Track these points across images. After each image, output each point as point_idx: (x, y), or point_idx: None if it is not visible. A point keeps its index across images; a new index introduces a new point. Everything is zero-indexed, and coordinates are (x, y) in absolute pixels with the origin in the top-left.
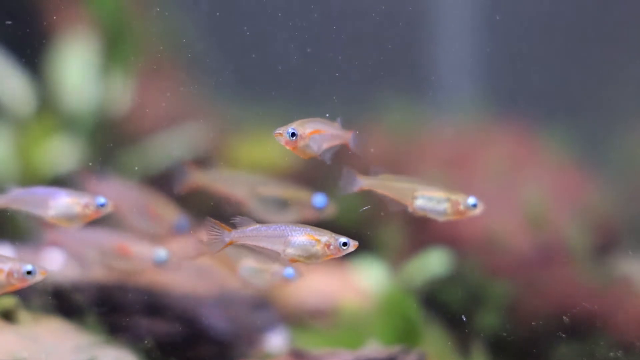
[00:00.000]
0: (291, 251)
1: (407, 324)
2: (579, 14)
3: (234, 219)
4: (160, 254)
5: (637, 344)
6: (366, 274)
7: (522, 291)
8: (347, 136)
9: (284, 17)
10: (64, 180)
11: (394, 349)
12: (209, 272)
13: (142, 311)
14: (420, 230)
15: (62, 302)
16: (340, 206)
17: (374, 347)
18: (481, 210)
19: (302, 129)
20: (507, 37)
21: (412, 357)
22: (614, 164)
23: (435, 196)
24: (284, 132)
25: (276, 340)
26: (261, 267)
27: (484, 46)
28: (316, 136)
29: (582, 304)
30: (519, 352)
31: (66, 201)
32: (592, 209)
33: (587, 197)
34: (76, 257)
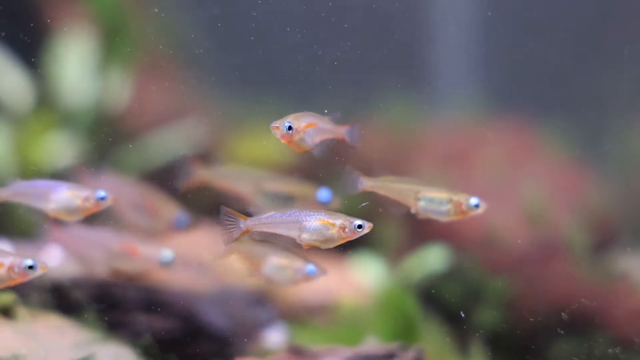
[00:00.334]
0: (306, 236)
1: (406, 321)
2: (578, 10)
3: (248, 210)
4: (166, 254)
5: (635, 340)
6: (365, 271)
7: (521, 288)
8: (338, 131)
9: (283, 14)
10: (61, 176)
11: (392, 346)
12: (207, 268)
13: (140, 308)
14: (418, 226)
15: (61, 298)
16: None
17: (373, 344)
18: (483, 210)
19: (297, 123)
20: (505, 33)
21: (410, 354)
22: (613, 161)
23: (437, 197)
24: (280, 126)
25: (275, 336)
26: (284, 264)
27: (482, 43)
28: (310, 130)
29: (581, 300)
30: (518, 349)
31: (67, 194)
32: (590, 205)
33: (585, 194)
34: (81, 257)
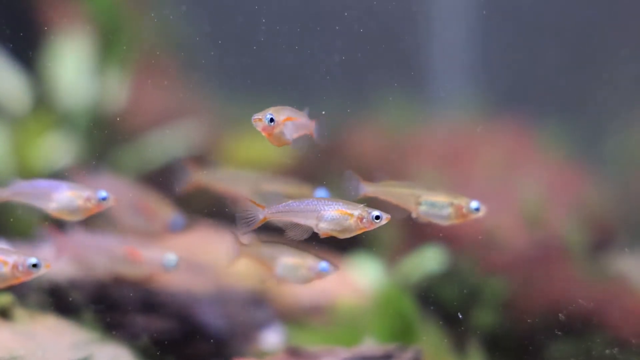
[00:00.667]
0: (324, 225)
1: (403, 322)
2: (576, 10)
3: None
4: (169, 258)
5: (632, 341)
6: (362, 272)
7: (518, 288)
8: (310, 125)
9: (281, 15)
10: (57, 177)
11: (390, 347)
12: (205, 269)
13: (138, 308)
14: (416, 227)
15: (59, 299)
16: None
17: (370, 345)
18: (484, 213)
19: (278, 115)
20: (503, 34)
21: (408, 355)
22: (611, 162)
23: (438, 201)
24: (263, 118)
25: (272, 337)
26: (297, 263)
27: (481, 44)
28: (289, 123)
29: (578, 301)
30: (515, 350)
31: (68, 194)
32: (588, 206)
33: (583, 195)
34: (84, 263)
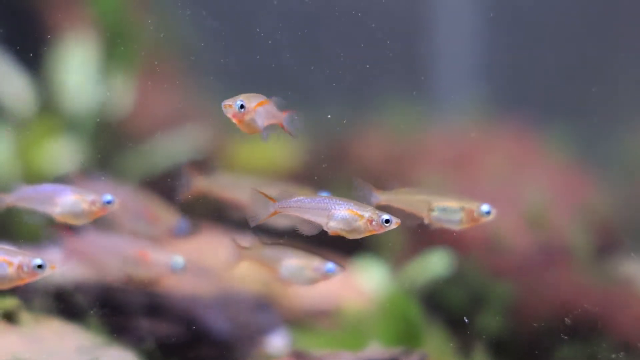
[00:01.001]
0: (334, 224)
1: (409, 326)
2: (580, 13)
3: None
4: (177, 260)
5: (639, 345)
6: (368, 275)
7: (524, 293)
8: (279, 116)
9: (285, 19)
10: (60, 181)
11: (395, 351)
12: (210, 273)
13: (143, 312)
14: (421, 231)
15: (64, 303)
16: None
17: (376, 349)
18: (494, 217)
19: (249, 102)
20: (508, 37)
21: (413, 359)
22: (616, 165)
23: (450, 207)
24: (233, 104)
25: (277, 341)
26: (302, 265)
27: (485, 47)
28: (260, 110)
29: (584, 305)
30: (521, 354)
31: (72, 198)
32: (593, 210)
33: (588, 198)
34: (95, 264)
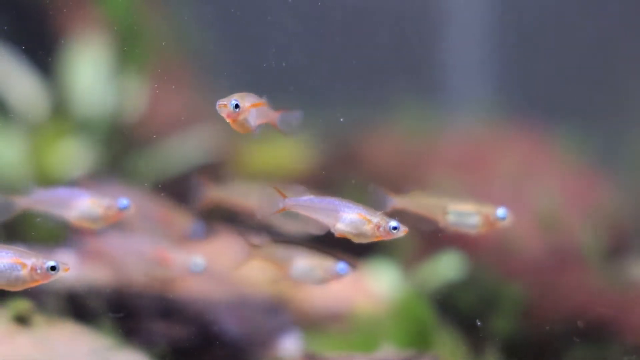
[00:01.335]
0: (341, 227)
1: (421, 328)
2: (593, 14)
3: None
4: (197, 261)
5: None
6: (380, 278)
7: (536, 295)
8: (272, 115)
9: (297, 19)
10: (72, 184)
11: (407, 353)
12: (223, 276)
13: (156, 315)
14: (433, 233)
15: (77, 305)
16: None
17: (388, 351)
18: (510, 221)
19: (243, 102)
20: (520, 39)
21: None
22: (628, 167)
23: (465, 211)
24: (228, 104)
25: (290, 344)
26: (313, 265)
27: (496, 48)
28: (253, 110)
29: (596, 308)
30: (533, 357)
31: (88, 203)
32: (606, 212)
33: (601, 201)
34: (116, 265)
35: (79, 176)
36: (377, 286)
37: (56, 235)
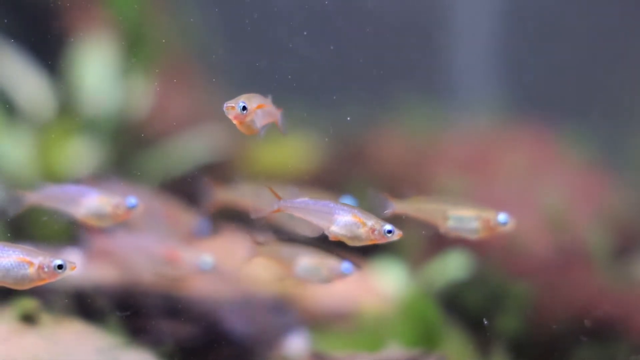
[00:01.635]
0: (336, 229)
1: (428, 327)
2: (600, 13)
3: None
4: (206, 260)
5: None
6: (386, 277)
7: (543, 294)
8: (276, 115)
9: (305, 20)
10: (78, 183)
11: (414, 352)
12: (229, 274)
13: (163, 314)
14: (438, 232)
15: (84, 304)
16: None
17: (395, 350)
18: (512, 227)
19: (250, 103)
20: (527, 38)
21: None
22: (635, 167)
23: (466, 216)
24: (236, 106)
25: (296, 343)
26: (317, 264)
27: (503, 48)
28: (259, 111)
29: (603, 307)
30: (540, 356)
31: (97, 200)
32: (612, 211)
33: (607, 200)
34: (125, 264)
35: (82, 175)
36: (384, 285)
37: (63, 233)
